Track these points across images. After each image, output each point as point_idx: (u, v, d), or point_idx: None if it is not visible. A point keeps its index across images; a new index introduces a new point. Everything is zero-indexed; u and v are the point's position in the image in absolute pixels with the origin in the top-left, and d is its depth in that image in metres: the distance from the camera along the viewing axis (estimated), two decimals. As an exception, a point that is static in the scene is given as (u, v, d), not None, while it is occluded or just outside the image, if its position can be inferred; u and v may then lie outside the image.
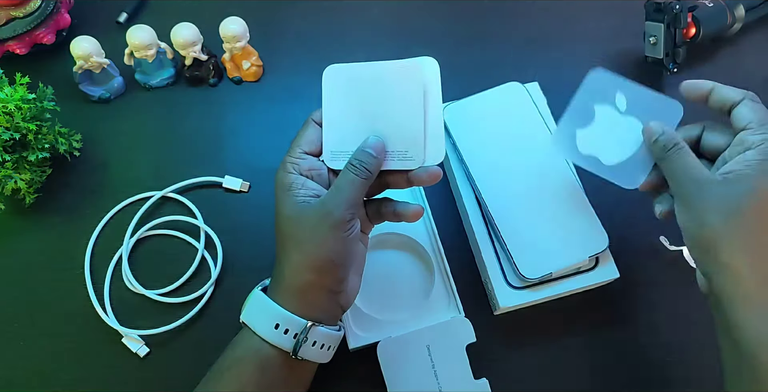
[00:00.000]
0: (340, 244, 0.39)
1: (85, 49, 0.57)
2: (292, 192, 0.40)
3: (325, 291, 0.41)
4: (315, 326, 0.40)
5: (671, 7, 0.57)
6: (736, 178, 0.37)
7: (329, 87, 0.43)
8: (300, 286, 0.40)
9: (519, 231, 0.51)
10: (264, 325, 0.40)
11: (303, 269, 0.40)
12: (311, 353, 0.41)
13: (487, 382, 0.48)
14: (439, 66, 0.42)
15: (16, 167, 0.52)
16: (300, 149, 0.42)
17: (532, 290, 0.50)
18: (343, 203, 0.39)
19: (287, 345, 0.40)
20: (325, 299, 0.41)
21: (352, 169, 0.40)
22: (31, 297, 0.54)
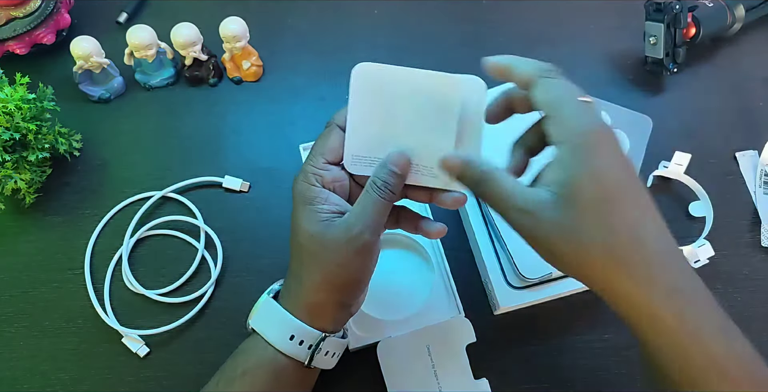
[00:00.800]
0: (362, 266, 0.39)
1: (85, 49, 0.57)
2: (314, 206, 0.38)
3: (341, 306, 0.41)
4: (329, 337, 0.40)
5: (671, 7, 0.57)
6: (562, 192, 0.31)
7: (358, 87, 0.38)
8: (318, 301, 0.40)
9: (519, 231, 0.51)
10: (279, 336, 0.40)
11: (324, 288, 0.39)
12: (322, 361, 0.41)
13: (487, 382, 0.48)
14: (486, 87, 0.38)
15: (16, 167, 0.52)
16: (323, 158, 0.39)
17: (532, 290, 0.50)
18: (368, 226, 0.37)
19: (302, 355, 0.40)
20: (339, 312, 0.41)
21: (376, 190, 0.38)
22: (31, 297, 0.54)
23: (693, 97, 0.63)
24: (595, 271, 0.31)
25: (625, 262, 0.31)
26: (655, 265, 0.31)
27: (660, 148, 0.59)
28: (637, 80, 0.63)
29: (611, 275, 0.31)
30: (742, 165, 0.59)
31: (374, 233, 0.38)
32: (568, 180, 0.31)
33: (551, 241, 0.32)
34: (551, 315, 0.53)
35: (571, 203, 0.31)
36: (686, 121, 0.61)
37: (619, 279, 0.31)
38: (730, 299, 0.53)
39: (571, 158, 0.32)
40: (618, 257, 0.31)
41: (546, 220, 0.31)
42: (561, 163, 0.32)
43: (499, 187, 0.33)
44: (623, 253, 0.31)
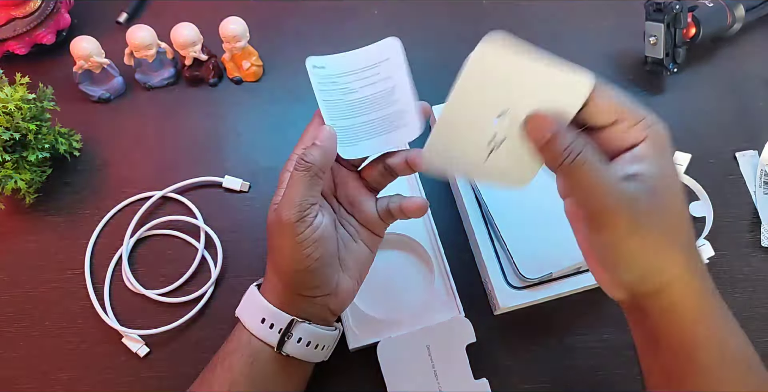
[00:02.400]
0: (299, 250, 0.37)
1: (85, 49, 0.57)
2: (277, 191, 0.40)
3: (302, 298, 0.40)
4: (300, 322, 0.40)
5: (671, 7, 0.57)
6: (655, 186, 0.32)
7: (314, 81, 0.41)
8: (278, 288, 0.40)
9: (519, 231, 0.51)
10: (251, 319, 0.41)
11: (273, 274, 0.40)
12: (297, 350, 0.40)
13: (487, 382, 0.48)
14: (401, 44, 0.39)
15: (16, 167, 0.52)
16: (303, 146, 0.40)
17: (532, 290, 0.50)
18: (291, 204, 0.36)
19: (272, 339, 0.40)
20: (304, 303, 0.40)
21: (295, 166, 0.37)
22: (31, 297, 0.54)
23: (693, 97, 0.63)
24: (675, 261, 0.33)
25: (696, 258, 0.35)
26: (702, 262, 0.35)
27: (660, 148, 0.59)
28: (637, 80, 0.63)
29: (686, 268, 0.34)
30: (742, 165, 0.59)
31: (297, 211, 0.36)
32: (660, 173, 0.33)
33: (648, 230, 0.32)
34: (551, 315, 0.53)
35: (666, 199, 0.33)
36: (686, 121, 0.61)
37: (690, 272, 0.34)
38: (730, 299, 0.53)
39: (659, 154, 0.33)
40: (693, 253, 0.35)
41: (646, 211, 0.32)
42: (647, 160, 0.33)
43: (597, 169, 0.33)
44: (695, 250, 0.35)
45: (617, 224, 0.32)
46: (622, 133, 0.34)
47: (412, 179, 0.55)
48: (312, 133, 0.40)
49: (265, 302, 0.40)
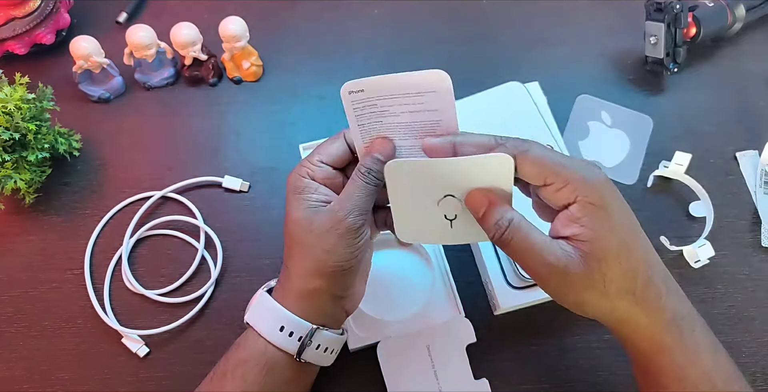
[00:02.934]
0: (349, 251, 0.39)
1: (84, 49, 0.57)
2: (303, 195, 0.39)
3: (330, 297, 0.40)
4: (320, 329, 0.40)
5: (671, 7, 0.57)
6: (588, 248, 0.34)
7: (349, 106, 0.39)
8: (307, 291, 0.40)
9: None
10: (269, 327, 0.40)
11: (311, 275, 0.39)
12: (315, 356, 0.41)
13: (487, 382, 0.48)
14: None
15: (15, 167, 0.52)
16: (319, 157, 0.41)
17: (532, 290, 0.50)
18: (353, 210, 0.38)
19: (292, 347, 0.40)
20: (330, 304, 0.41)
21: (361, 176, 0.39)
22: (31, 297, 0.54)
23: (693, 97, 0.63)
24: (619, 312, 0.36)
25: (643, 299, 0.35)
26: (661, 298, 0.36)
27: (660, 148, 0.59)
28: (637, 80, 0.63)
29: (632, 314, 0.35)
30: (742, 165, 0.59)
31: (358, 217, 0.38)
32: (591, 235, 0.34)
33: (580, 294, 0.35)
34: (551, 315, 0.53)
35: (597, 257, 0.34)
36: (686, 121, 0.61)
37: (636, 313, 0.35)
38: (730, 299, 0.53)
39: (590, 215, 0.34)
40: (637, 297, 0.35)
41: (576, 275, 0.34)
42: (579, 220, 0.35)
43: (527, 239, 0.35)
44: (641, 293, 0.35)
45: (551, 287, 0.36)
46: (554, 194, 0.35)
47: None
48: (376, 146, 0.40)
49: (283, 310, 0.40)
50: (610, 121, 0.60)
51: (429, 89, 0.37)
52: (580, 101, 0.60)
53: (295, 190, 0.40)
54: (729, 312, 0.53)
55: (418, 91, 0.38)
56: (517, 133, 0.48)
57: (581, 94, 0.60)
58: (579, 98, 0.60)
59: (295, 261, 0.40)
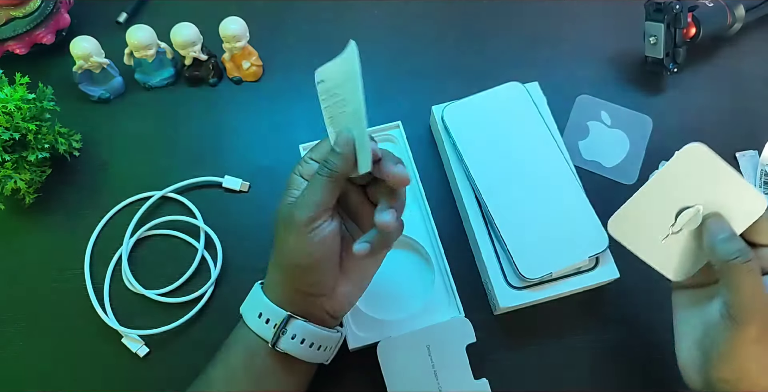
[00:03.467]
0: (303, 246, 0.38)
1: (84, 49, 0.57)
2: (288, 190, 0.41)
3: (300, 293, 0.41)
4: (295, 318, 0.40)
5: (671, 7, 0.57)
6: None
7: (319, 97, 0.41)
8: (277, 283, 0.41)
9: (519, 231, 0.51)
10: (250, 314, 0.42)
11: (274, 266, 0.41)
12: (293, 348, 0.41)
13: (487, 382, 0.48)
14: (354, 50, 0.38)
15: (15, 167, 0.52)
16: (311, 154, 0.41)
17: (532, 290, 0.50)
18: (308, 205, 0.38)
19: (267, 334, 0.40)
20: (301, 301, 0.41)
21: (319, 170, 0.39)
22: (31, 297, 0.54)
23: (693, 97, 0.63)
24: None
25: None
26: None
27: (660, 147, 0.59)
28: (637, 80, 0.63)
29: None
30: (742, 165, 0.59)
31: (311, 210, 0.38)
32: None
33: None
34: (551, 315, 0.53)
35: None
36: (686, 121, 0.61)
37: None
38: (730, 299, 0.53)
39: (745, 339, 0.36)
40: None
41: None
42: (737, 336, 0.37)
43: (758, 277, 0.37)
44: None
45: (751, 328, 0.36)
46: None
47: (413, 179, 0.56)
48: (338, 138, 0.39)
49: (263, 296, 0.41)
50: (609, 121, 0.60)
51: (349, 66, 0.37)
52: (580, 101, 0.60)
53: (287, 185, 0.41)
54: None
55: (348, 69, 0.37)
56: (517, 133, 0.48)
57: (581, 94, 0.60)
58: (579, 98, 0.60)
59: (273, 252, 0.41)
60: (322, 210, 0.38)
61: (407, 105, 0.61)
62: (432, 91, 0.62)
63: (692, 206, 0.40)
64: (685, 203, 0.40)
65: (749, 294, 0.36)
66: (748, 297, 0.36)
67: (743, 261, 0.37)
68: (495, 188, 0.52)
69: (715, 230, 0.39)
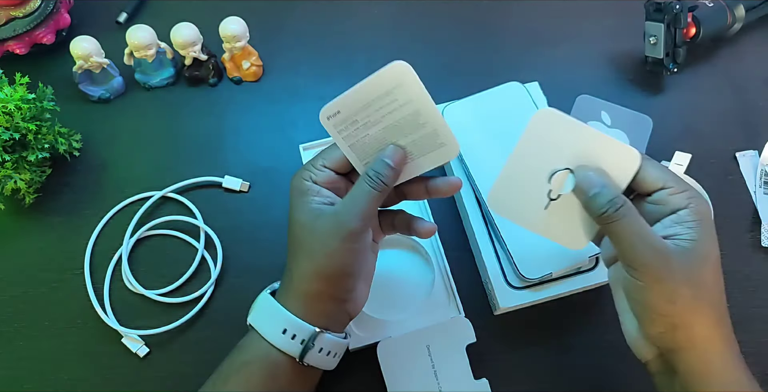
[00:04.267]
0: (350, 255, 0.39)
1: (85, 49, 0.57)
2: (307, 198, 0.39)
3: (333, 300, 0.41)
4: (322, 333, 0.40)
5: (671, 7, 0.57)
6: (691, 246, 0.34)
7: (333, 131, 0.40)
8: (308, 294, 0.40)
9: (519, 231, 0.50)
10: (272, 330, 0.40)
11: (312, 278, 0.39)
12: (317, 359, 0.41)
13: (487, 382, 0.48)
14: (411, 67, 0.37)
15: (15, 167, 0.52)
16: (323, 162, 0.41)
17: (532, 290, 0.50)
18: (357, 214, 0.38)
19: (294, 350, 0.40)
20: (332, 307, 0.41)
21: (368, 181, 0.39)
22: (31, 297, 0.54)
23: (693, 97, 0.63)
24: (702, 321, 0.35)
25: (726, 322, 0.36)
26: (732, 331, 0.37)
27: (660, 148, 0.59)
28: (637, 80, 0.64)
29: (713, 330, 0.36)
30: (742, 165, 0.59)
31: (362, 222, 0.38)
32: (696, 237, 0.35)
33: (678, 285, 0.35)
34: (551, 315, 0.53)
35: (700, 259, 0.35)
36: (686, 121, 0.61)
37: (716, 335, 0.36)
38: (730, 299, 0.52)
39: (698, 221, 0.35)
40: (723, 317, 0.36)
41: (679, 265, 0.34)
42: (686, 224, 0.35)
43: (637, 222, 0.35)
44: (725, 315, 0.36)
45: (650, 273, 0.35)
46: (667, 197, 0.36)
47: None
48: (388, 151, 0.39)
49: (286, 312, 0.40)
50: (610, 121, 0.60)
51: (394, 84, 0.37)
52: (580, 101, 0.60)
53: (298, 193, 0.40)
54: (729, 312, 0.53)
55: (386, 90, 0.38)
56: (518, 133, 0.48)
57: (581, 94, 0.60)
58: (579, 98, 0.60)
59: (298, 264, 0.40)
60: (369, 221, 0.39)
61: (407, 105, 0.61)
62: (432, 91, 0.62)
63: (567, 169, 0.38)
64: (556, 168, 0.39)
65: (633, 241, 0.35)
66: (633, 244, 0.35)
67: (614, 210, 0.35)
68: (495, 188, 0.52)
69: (585, 188, 0.37)
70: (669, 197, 0.36)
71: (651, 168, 0.37)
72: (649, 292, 0.35)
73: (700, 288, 0.35)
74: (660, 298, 0.35)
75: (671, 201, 0.36)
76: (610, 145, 0.37)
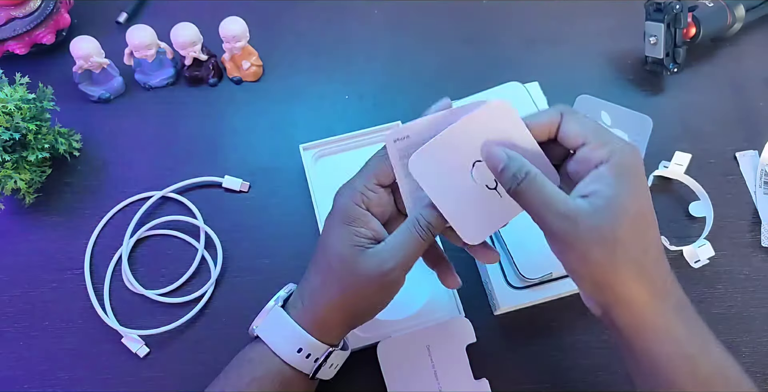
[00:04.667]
0: (385, 299, 0.40)
1: (85, 49, 0.57)
2: (353, 228, 0.38)
3: (349, 328, 0.42)
4: (334, 350, 0.41)
5: (671, 7, 0.57)
6: (605, 203, 0.33)
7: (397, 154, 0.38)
8: (329, 322, 0.40)
9: (519, 231, 0.51)
10: (287, 348, 0.40)
11: (338, 310, 0.39)
12: (326, 373, 0.42)
13: (487, 382, 0.48)
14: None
15: (16, 167, 0.52)
16: (376, 179, 0.38)
17: (532, 290, 0.50)
18: (401, 264, 0.37)
19: (308, 368, 0.40)
20: (346, 331, 0.42)
21: (418, 230, 0.37)
22: (31, 297, 0.54)
23: (693, 97, 0.63)
24: (621, 279, 0.33)
25: (650, 276, 0.34)
26: (669, 282, 0.35)
27: (660, 148, 0.59)
28: (637, 80, 0.64)
29: (635, 286, 0.33)
30: (742, 165, 0.59)
31: (404, 271, 0.38)
32: (611, 192, 0.33)
33: (588, 246, 0.33)
34: (551, 315, 0.53)
35: (614, 215, 0.33)
36: (686, 121, 0.61)
37: (641, 291, 0.33)
38: (730, 299, 0.53)
39: (616, 176, 0.33)
40: (646, 271, 0.33)
41: (586, 227, 0.33)
42: (604, 179, 0.33)
43: (541, 191, 0.34)
44: (650, 268, 0.34)
45: (559, 239, 0.34)
46: (589, 153, 0.35)
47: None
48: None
49: (303, 332, 0.39)
50: (610, 121, 0.60)
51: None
52: (580, 101, 0.60)
53: (345, 218, 0.38)
54: (729, 312, 0.53)
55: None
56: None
57: (581, 94, 0.60)
58: (579, 98, 0.60)
59: (326, 292, 0.39)
60: (410, 268, 0.38)
61: (407, 105, 0.61)
62: (432, 91, 0.62)
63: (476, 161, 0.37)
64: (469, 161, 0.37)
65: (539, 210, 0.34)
66: (540, 213, 0.34)
67: (516, 185, 0.34)
68: (495, 188, 0.52)
69: (492, 165, 0.36)
70: (590, 152, 0.34)
71: (572, 123, 0.35)
72: (564, 256, 0.34)
73: (615, 247, 0.33)
74: (574, 261, 0.34)
75: (593, 157, 0.34)
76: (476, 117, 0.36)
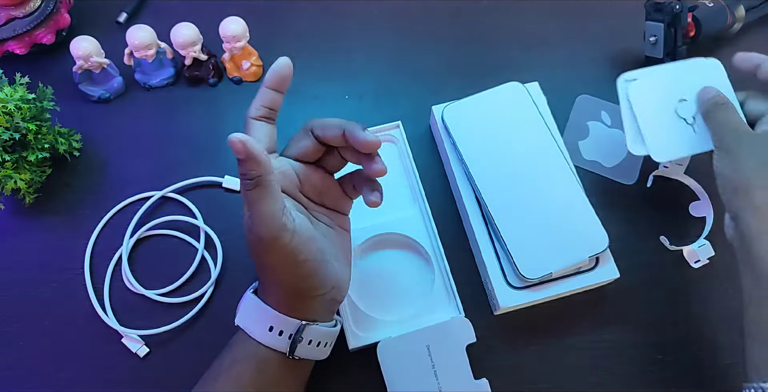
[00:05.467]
0: (288, 261, 0.38)
1: (85, 49, 0.57)
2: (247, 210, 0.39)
3: (308, 299, 0.40)
4: (309, 325, 0.40)
5: (671, 7, 0.57)
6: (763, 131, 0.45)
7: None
8: (280, 294, 0.40)
9: (519, 231, 0.51)
10: (258, 328, 0.40)
11: (271, 286, 0.40)
12: (308, 351, 0.41)
13: (487, 382, 0.48)
14: None
15: (16, 167, 0.52)
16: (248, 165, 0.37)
17: (532, 290, 0.50)
18: (260, 222, 0.37)
19: (283, 346, 0.40)
20: (311, 302, 0.41)
21: (242, 186, 0.37)
22: (31, 297, 0.54)
23: (693, 97, 0.62)
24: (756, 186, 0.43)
25: None
26: None
27: (660, 148, 0.59)
28: (637, 80, 0.63)
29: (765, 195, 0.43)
30: (742, 165, 0.59)
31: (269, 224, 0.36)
32: None
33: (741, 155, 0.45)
34: (551, 315, 0.53)
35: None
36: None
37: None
38: (730, 299, 0.53)
39: None
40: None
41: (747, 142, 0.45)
42: None
43: (731, 113, 0.49)
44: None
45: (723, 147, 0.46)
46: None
47: (413, 179, 0.56)
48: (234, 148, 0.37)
49: (270, 310, 0.40)
50: (610, 121, 0.60)
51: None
52: (580, 101, 0.60)
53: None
54: (729, 312, 0.53)
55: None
56: (517, 133, 0.49)
57: (581, 94, 0.60)
58: (579, 98, 0.60)
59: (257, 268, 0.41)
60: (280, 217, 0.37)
61: (407, 105, 0.61)
62: (432, 91, 0.62)
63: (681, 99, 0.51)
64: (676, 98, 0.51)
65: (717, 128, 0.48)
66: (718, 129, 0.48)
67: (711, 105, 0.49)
68: (495, 188, 0.52)
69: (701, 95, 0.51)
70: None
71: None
72: (720, 161, 0.46)
73: (760, 163, 0.43)
74: (727, 166, 0.45)
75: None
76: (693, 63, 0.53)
